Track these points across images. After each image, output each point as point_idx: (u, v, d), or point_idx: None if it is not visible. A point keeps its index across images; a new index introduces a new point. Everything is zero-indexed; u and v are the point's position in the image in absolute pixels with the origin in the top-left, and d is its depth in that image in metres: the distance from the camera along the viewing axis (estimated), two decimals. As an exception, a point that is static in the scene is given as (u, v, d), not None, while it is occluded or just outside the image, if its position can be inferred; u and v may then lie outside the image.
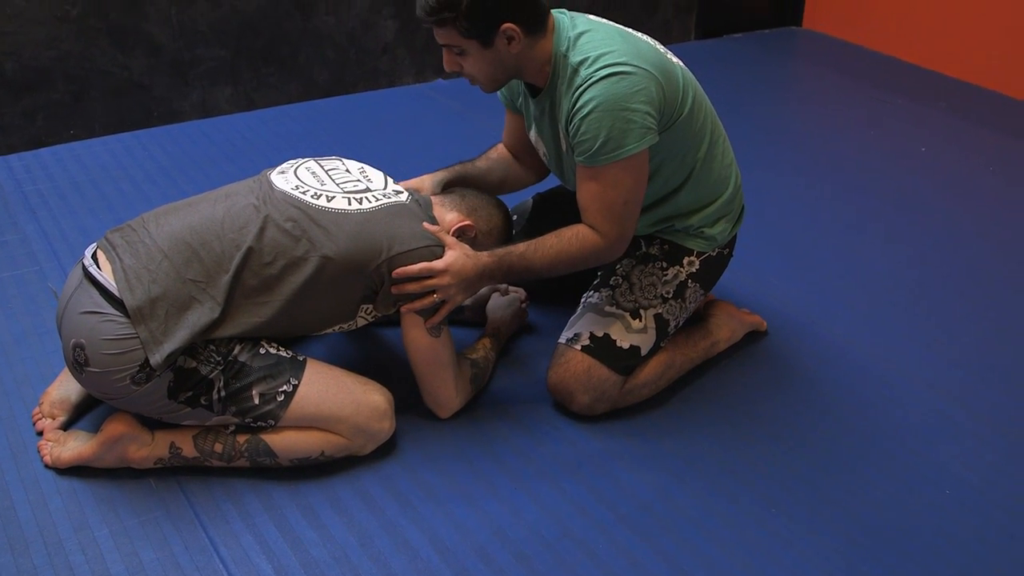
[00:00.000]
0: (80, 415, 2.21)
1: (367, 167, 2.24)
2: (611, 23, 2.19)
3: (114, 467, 2.05)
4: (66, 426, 2.17)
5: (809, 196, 3.45)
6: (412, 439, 2.20)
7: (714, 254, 2.36)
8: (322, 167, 2.19)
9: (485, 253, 2.11)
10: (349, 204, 2.07)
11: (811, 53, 5.02)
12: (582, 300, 2.34)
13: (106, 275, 1.95)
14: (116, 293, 1.92)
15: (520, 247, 2.12)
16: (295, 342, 2.41)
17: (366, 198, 2.10)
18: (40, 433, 2.15)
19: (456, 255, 2.07)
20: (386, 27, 4.27)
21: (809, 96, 4.51)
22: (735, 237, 2.44)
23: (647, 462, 2.18)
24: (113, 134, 3.74)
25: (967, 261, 3.05)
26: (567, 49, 2.09)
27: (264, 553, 1.90)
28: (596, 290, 2.32)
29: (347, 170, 2.20)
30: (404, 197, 2.15)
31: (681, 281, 2.31)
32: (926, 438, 2.28)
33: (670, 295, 2.29)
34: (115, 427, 2.02)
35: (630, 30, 2.19)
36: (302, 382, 2.02)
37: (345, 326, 2.15)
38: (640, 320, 2.25)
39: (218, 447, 2.04)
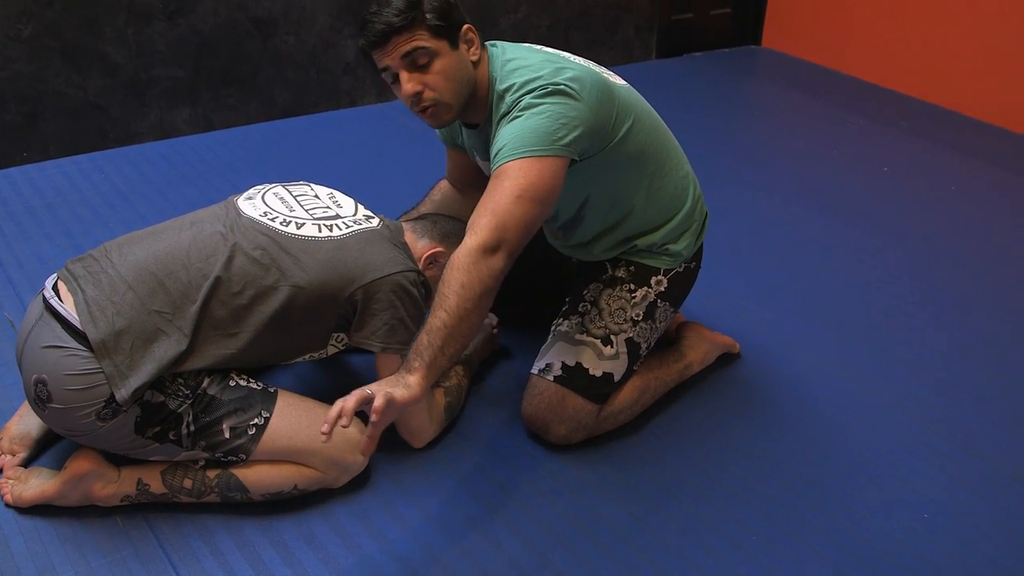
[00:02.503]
0: (42, 451, 2.14)
1: (336, 192, 2.20)
2: (543, 49, 2.14)
3: (79, 505, 1.98)
4: (27, 463, 2.09)
5: (773, 215, 3.45)
6: (386, 471, 2.15)
7: (681, 269, 2.32)
8: (290, 193, 2.14)
9: (411, 375, 1.74)
10: (319, 231, 2.02)
11: (771, 72, 5.05)
12: (552, 328, 2.30)
13: (68, 307, 1.89)
14: (79, 326, 1.86)
15: (422, 333, 1.79)
16: (264, 372, 2.36)
17: (336, 225, 2.05)
18: (0, 471, 2.07)
19: (385, 396, 1.67)
20: (347, 46, 4.22)
21: (770, 115, 4.53)
22: (701, 248, 2.40)
23: (625, 490, 2.15)
24: (68, 156, 3.66)
25: (934, 281, 3.06)
26: (498, 80, 2.05)
27: (237, 593, 1.85)
28: (565, 317, 2.28)
29: (316, 196, 2.16)
30: (375, 223, 2.11)
31: (651, 302, 2.27)
32: (903, 462, 2.27)
33: (640, 317, 2.25)
34: (79, 464, 1.95)
35: (563, 54, 2.13)
36: (274, 414, 1.97)
37: (316, 355, 2.10)
38: (612, 346, 2.22)
39: (187, 483, 1.98)
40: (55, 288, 1.94)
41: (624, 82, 2.20)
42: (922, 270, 3.13)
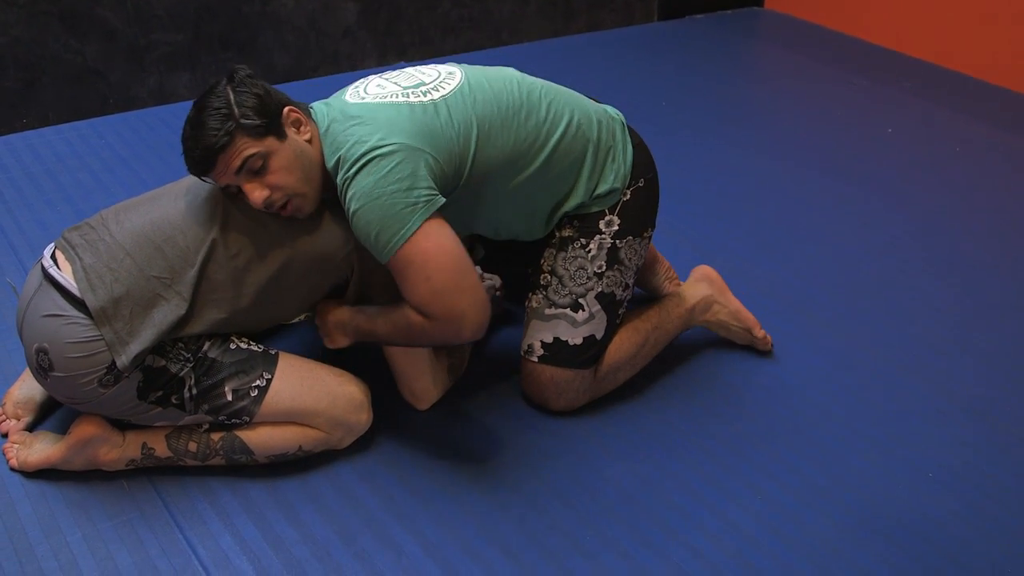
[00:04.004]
0: (46, 415, 2.14)
1: None
2: (366, 100, 1.97)
3: (84, 470, 1.98)
4: (32, 427, 2.09)
5: (775, 177, 3.43)
6: (390, 432, 2.15)
7: (628, 197, 2.18)
8: None
9: (355, 310, 2.03)
10: None
11: (773, 34, 5.01)
12: (526, 304, 2.25)
13: (66, 275, 1.88)
14: (77, 294, 1.85)
15: (373, 310, 1.99)
16: (266, 335, 2.36)
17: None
18: (4, 435, 2.07)
19: (332, 306, 2.06)
20: (347, 9, 4.19)
21: (772, 77, 4.50)
22: (646, 158, 2.24)
23: (629, 452, 2.15)
24: (68, 122, 3.64)
25: (938, 242, 3.05)
26: (326, 153, 1.94)
27: (244, 553, 1.85)
28: (534, 292, 2.22)
29: None
30: None
31: (609, 248, 2.16)
32: (906, 423, 2.27)
33: (603, 268, 2.16)
34: (84, 429, 1.95)
35: (383, 95, 1.98)
36: (275, 376, 1.97)
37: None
38: (583, 310, 2.16)
39: (192, 446, 1.98)
40: (53, 257, 1.93)
41: (456, 84, 2.03)
42: (925, 231, 3.11)
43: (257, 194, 1.88)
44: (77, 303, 1.85)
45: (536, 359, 2.19)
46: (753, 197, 3.29)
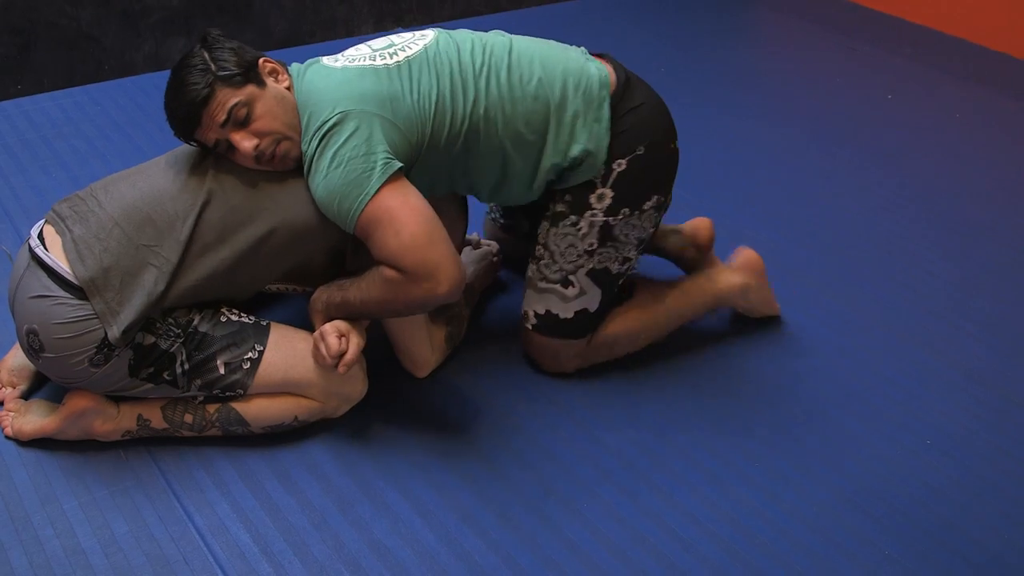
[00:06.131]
0: (41, 383, 2.13)
1: None
2: (336, 63, 1.99)
3: (79, 440, 1.98)
4: (27, 395, 2.09)
5: (776, 143, 3.41)
6: (387, 400, 2.15)
7: (623, 167, 2.07)
8: None
9: (327, 286, 2.00)
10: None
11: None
12: (526, 272, 2.23)
13: (54, 255, 1.87)
14: (64, 275, 1.84)
15: (345, 282, 1.97)
16: (258, 306, 2.34)
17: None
18: (0, 403, 2.07)
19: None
20: (343, -25, 4.15)
21: (773, 42, 4.46)
22: (648, 124, 2.11)
23: (628, 420, 2.15)
24: (63, 88, 3.60)
25: (938, 208, 3.04)
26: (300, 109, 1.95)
27: (241, 521, 1.85)
28: (531, 261, 2.20)
29: None
30: None
31: (600, 225, 2.09)
32: (905, 388, 2.27)
33: (595, 246, 2.10)
34: (78, 401, 1.94)
35: (351, 59, 2.00)
36: (267, 347, 1.96)
37: (311, 289, 2.08)
38: (573, 286, 2.13)
39: (188, 418, 1.97)
40: (41, 237, 1.92)
41: (423, 45, 2.02)
42: (926, 198, 3.10)
43: (246, 143, 1.88)
44: (65, 284, 1.84)
45: (530, 327, 2.19)
46: (753, 163, 3.27)
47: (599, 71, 2.10)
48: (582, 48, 2.20)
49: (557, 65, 2.07)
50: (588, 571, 1.80)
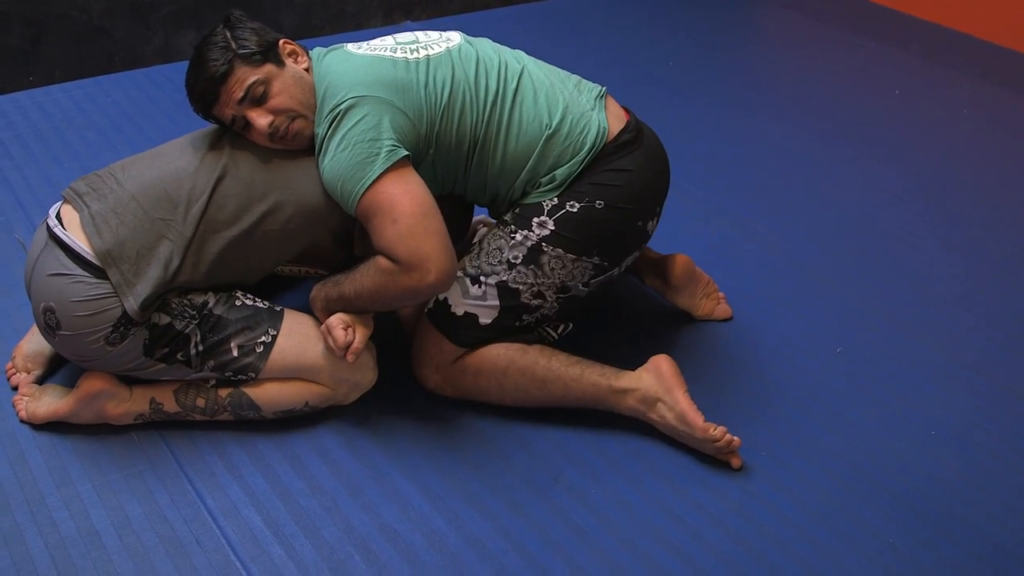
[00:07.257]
0: (55, 368, 2.15)
1: None
2: (359, 52, 2.04)
3: (92, 423, 2.00)
4: (41, 380, 2.11)
5: (781, 139, 3.42)
6: (397, 388, 2.17)
7: (574, 210, 2.04)
8: None
9: (323, 282, 2.03)
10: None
11: (781, -5, 4.97)
12: None
13: (71, 233, 1.89)
14: (82, 253, 1.87)
15: (340, 276, 1.99)
16: (272, 292, 2.36)
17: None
18: (15, 388, 2.09)
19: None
20: (352, -32, 4.17)
21: (779, 38, 4.48)
22: (627, 189, 2.06)
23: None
24: (74, 80, 3.63)
25: (943, 203, 3.05)
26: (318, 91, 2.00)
27: (253, 505, 1.88)
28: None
29: None
30: None
31: (532, 245, 2.03)
32: (909, 380, 2.28)
33: (518, 260, 2.04)
34: (92, 384, 1.97)
35: (373, 47, 2.05)
36: (281, 332, 1.99)
37: (324, 272, 2.11)
38: (479, 287, 2.05)
39: (200, 401, 2.00)
40: (59, 216, 1.95)
41: (448, 48, 2.06)
42: (931, 193, 3.11)
43: (262, 120, 1.93)
44: (82, 262, 1.87)
45: (426, 310, 2.12)
46: (759, 159, 3.28)
47: (599, 125, 2.07)
48: (602, 88, 2.18)
49: (559, 103, 2.07)
50: (595, 557, 1.82)
